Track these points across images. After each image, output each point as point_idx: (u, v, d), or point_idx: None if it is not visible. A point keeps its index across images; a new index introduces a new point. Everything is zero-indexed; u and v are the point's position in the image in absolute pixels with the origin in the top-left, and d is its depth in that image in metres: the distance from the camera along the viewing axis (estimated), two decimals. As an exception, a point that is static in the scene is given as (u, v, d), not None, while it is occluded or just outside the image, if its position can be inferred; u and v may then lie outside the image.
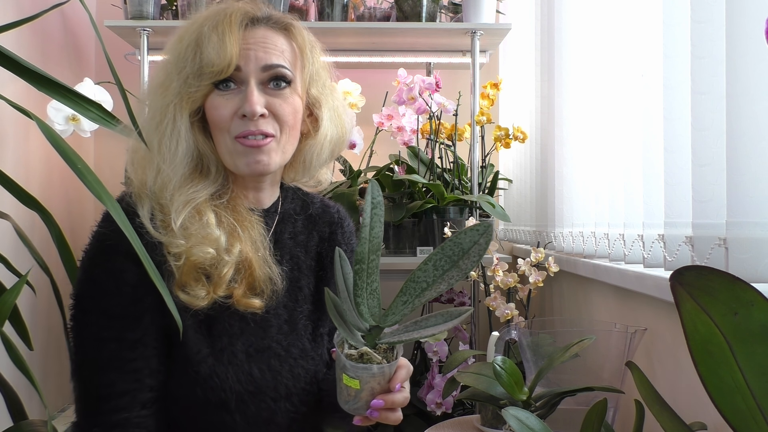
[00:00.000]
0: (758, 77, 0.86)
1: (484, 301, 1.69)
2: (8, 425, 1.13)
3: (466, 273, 0.82)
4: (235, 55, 0.99)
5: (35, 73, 0.93)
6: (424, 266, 0.83)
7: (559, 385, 1.17)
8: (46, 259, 1.18)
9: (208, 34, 1.00)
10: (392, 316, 0.85)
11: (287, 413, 1.05)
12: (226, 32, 0.99)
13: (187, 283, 0.97)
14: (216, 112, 1.01)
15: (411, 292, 0.84)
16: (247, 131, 1.00)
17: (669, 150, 1.09)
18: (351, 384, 0.86)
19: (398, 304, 0.84)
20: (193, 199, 1.00)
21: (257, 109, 1.00)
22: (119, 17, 2.14)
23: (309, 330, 1.11)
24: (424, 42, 2.31)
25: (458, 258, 0.82)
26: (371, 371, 0.86)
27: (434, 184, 2.03)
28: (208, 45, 0.99)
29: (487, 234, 0.83)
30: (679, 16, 1.06)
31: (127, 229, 0.86)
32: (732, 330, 0.60)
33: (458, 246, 0.82)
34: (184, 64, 1.01)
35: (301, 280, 1.13)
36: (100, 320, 0.96)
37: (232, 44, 0.99)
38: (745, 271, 0.88)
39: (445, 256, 0.83)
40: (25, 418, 1.16)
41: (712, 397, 0.61)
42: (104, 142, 2.48)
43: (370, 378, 0.86)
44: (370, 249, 0.84)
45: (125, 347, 0.96)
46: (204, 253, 0.97)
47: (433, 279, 0.82)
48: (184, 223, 0.97)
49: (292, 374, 1.06)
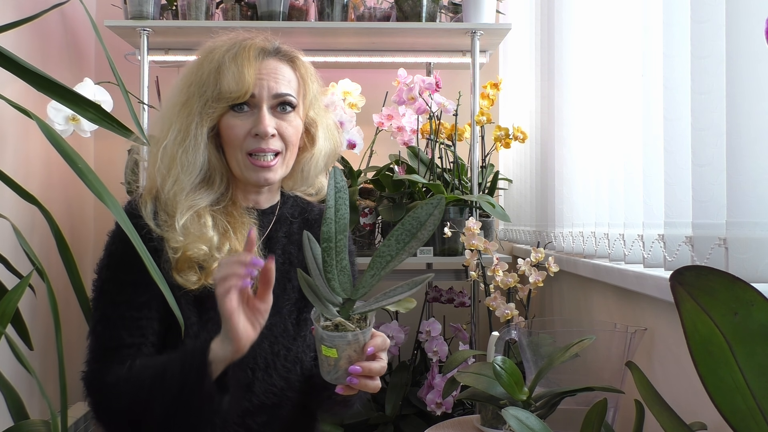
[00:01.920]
0: (758, 77, 0.86)
1: (484, 301, 1.69)
2: (9, 425, 1.13)
3: (422, 241, 0.91)
4: (252, 84, 1.17)
5: (35, 73, 0.93)
6: (388, 242, 0.91)
7: (559, 385, 1.17)
8: (46, 257, 1.18)
9: (229, 64, 1.17)
10: (362, 288, 0.92)
11: (264, 383, 1.19)
12: (244, 64, 1.17)
13: (182, 270, 1.14)
14: (232, 131, 1.19)
15: (377, 266, 0.92)
16: (258, 149, 1.18)
17: (669, 150, 1.09)
18: (329, 354, 0.94)
19: (366, 278, 0.92)
20: (196, 205, 1.17)
21: (269, 131, 1.18)
22: (119, 17, 2.14)
23: (293, 315, 1.24)
24: (424, 42, 2.31)
25: (416, 230, 0.91)
26: (346, 339, 0.93)
27: (434, 184, 2.03)
28: (227, 73, 1.17)
29: (440, 206, 0.91)
30: (679, 16, 1.06)
31: (127, 228, 0.90)
32: (732, 330, 0.60)
33: (416, 220, 0.91)
34: (206, 88, 1.18)
35: (291, 272, 1.26)
36: (115, 287, 1.16)
37: (249, 75, 1.17)
38: (745, 271, 0.88)
39: (406, 231, 0.92)
40: (26, 418, 1.16)
41: (712, 397, 0.61)
42: (104, 142, 2.48)
43: (346, 346, 0.94)
44: (337, 229, 0.92)
45: (134, 308, 1.15)
46: (198, 250, 1.14)
47: (396, 251, 0.91)
48: (185, 224, 1.15)
49: (271, 350, 1.20)
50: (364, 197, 2.14)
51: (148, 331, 1.15)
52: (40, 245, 1.88)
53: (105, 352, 1.14)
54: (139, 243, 0.93)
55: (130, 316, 1.14)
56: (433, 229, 0.91)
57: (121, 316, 1.14)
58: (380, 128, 2.16)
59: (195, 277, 1.15)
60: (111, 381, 1.12)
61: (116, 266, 1.17)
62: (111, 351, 1.14)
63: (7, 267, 1.28)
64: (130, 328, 1.14)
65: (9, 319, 1.01)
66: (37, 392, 1.86)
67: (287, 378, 1.21)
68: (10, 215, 1.31)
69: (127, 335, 1.14)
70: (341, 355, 0.94)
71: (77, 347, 1.20)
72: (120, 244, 1.17)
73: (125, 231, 0.90)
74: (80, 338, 1.61)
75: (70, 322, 1.19)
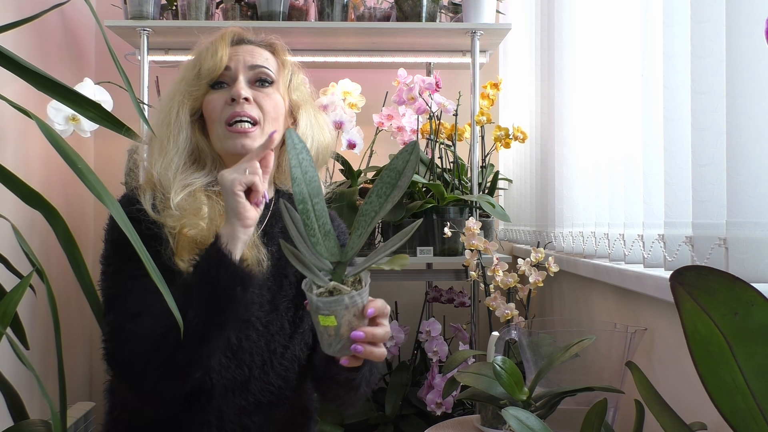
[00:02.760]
0: (758, 77, 0.86)
1: (484, 301, 1.69)
2: (9, 425, 1.13)
3: (404, 189, 0.89)
4: (225, 56, 1.22)
5: (35, 73, 0.93)
6: (369, 199, 0.89)
7: (559, 385, 1.17)
8: (46, 258, 1.18)
9: (206, 47, 1.24)
10: (351, 250, 0.89)
11: (260, 382, 1.19)
12: (219, 44, 1.23)
13: (183, 254, 1.13)
14: (210, 105, 1.22)
15: (362, 224, 0.89)
16: (234, 113, 1.19)
17: (669, 150, 1.09)
18: (328, 323, 0.87)
19: (354, 238, 0.88)
20: (191, 184, 1.18)
21: (242, 93, 1.19)
22: (119, 17, 2.14)
23: (291, 312, 1.24)
24: (424, 42, 2.31)
25: (396, 180, 0.89)
26: (343, 302, 0.87)
27: (434, 184, 2.03)
28: (206, 55, 1.23)
29: (415, 151, 0.89)
30: (679, 16, 1.06)
31: (126, 227, 0.89)
32: (732, 330, 0.60)
33: (394, 170, 0.89)
34: (186, 73, 1.25)
35: (287, 269, 1.25)
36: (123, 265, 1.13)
37: (223, 51, 1.22)
38: (745, 271, 0.88)
39: (386, 184, 0.89)
40: (25, 418, 1.16)
41: (712, 397, 0.61)
42: (104, 142, 2.48)
43: (344, 311, 0.88)
44: (310, 192, 0.89)
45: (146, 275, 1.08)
46: (195, 226, 1.13)
47: (379, 206, 0.89)
48: (180, 203, 1.15)
49: (268, 348, 1.20)
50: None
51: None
52: (40, 245, 1.87)
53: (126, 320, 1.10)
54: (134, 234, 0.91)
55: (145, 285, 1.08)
56: (411, 175, 0.88)
57: (136, 287, 1.12)
58: (380, 128, 2.16)
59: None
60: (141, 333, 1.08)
61: (122, 249, 1.14)
62: (132, 317, 1.10)
63: (7, 267, 1.28)
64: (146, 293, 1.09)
65: (10, 320, 1.01)
66: (37, 392, 1.86)
67: (284, 377, 1.21)
68: (10, 215, 1.31)
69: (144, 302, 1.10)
70: (341, 321, 0.88)
71: (77, 347, 1.20)
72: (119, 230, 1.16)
73: (121, 226, 0.89)
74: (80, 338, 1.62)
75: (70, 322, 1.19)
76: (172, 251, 1.14)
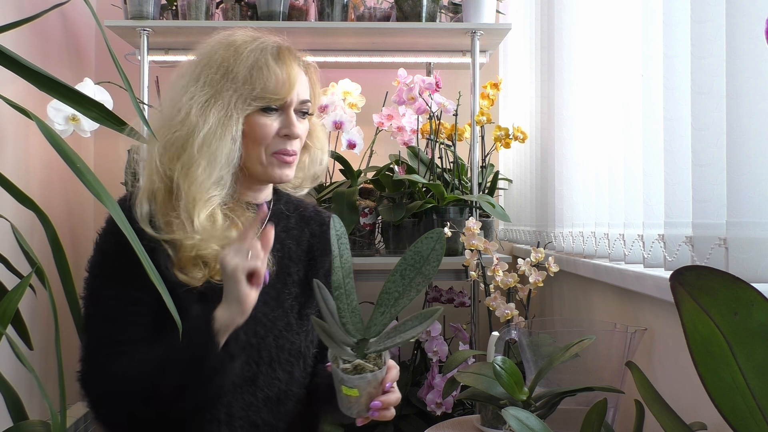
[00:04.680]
0: (758, 77, 0.86)
1: (484, 301, 1.68)
2: (8, 425, 1.13)
3: (429, 278, 0.95)
4: (294, 90, 1.19)
5: (36, 72, 0.93)
6: (392, 277, 0.95)
7: (559, 385, 1.17)
8: (46, 258, 1.18)
9: (272, 66, 1.18)
10: (374, 327, 0.98)
11: (267, 377, 1.20)
12: (289, 70, 1.19)
13: (185, 267, 1.14)
14: (261, 130, 1.19)
15: (386, 303, 0.96)
16: (284, 150, 1.21)
17: (669, 150, 1.09)
18: (350, 393, 1.00)
19: (377, 315, 0.96)
20: (212, 203, 1.16)
21: (299, 133, 1.22)
22: (119, 17, 2.14)
23: (296, 309, 1.26)
24: (424, 42, 2.31)
25: (420, 265, 0.95)
26: (366, 379, 0.99)
27: (434, 184, 2.03)
28: (271, 75, 1.18)
29: (440, 240, 0.95)
30: (679, 16, 1.06)
31: (125, 228, 0.90)
32: (732, 330, 0.60)
33: (418, 254, 0.95)
34: (240, 84, 1.17)
35: (291, 267, 1.27)
36: (107, 282, 1.16)
37: (293, 79, 1.19)
38: (745, 271, 0.88)
39: (409, 266, 0.95)
40: (25, 419, 1.16)
41: (712, 397, 0.61)
42: (104, 142, 2.48)
43: (366, 385, 1.00)
44: (344, 275, 0.97)
45: (128, 303, 1.14)
46: (212, 250, 1.13)
47: (402, 288, 0.95)
48: (202, 222, 1.13)
49: (276, 344, 1.21)
50: (364, 197, 2.14)
51: (141, 327, 1.15)
52: (40, 245, 1.87)
53: (101, 348, 1.14)
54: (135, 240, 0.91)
55: (125, 312, 1.14)
56: (437, 265, 0.94)
57: (116, 312, 1.14)
58: (380, 128, 2.16)
59: (200, 274, 1.14)
60: (113, 372, 1.12)
61: (109, 263, 1.17)
62: (107, 347, 1.14)
63: (7, 267, 1.28)
64: (124, 323, 1.14)
65: (9, 320, 1.01)
66: (36, 393, 1.85)
67: (290, 372, 1.23)
68: (10, 215, 1.31)
69: (121, 331, 1.14)
70: (362, 393, 1.00)
71: (77, 347, 1.19)
72: (112, 240, 1.17)
73: (121, 228, 0.89)
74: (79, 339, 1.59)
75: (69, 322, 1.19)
76: (172, 263, 1.14)
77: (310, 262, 1.31)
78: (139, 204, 1.16)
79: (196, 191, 1.14)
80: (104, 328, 1.15)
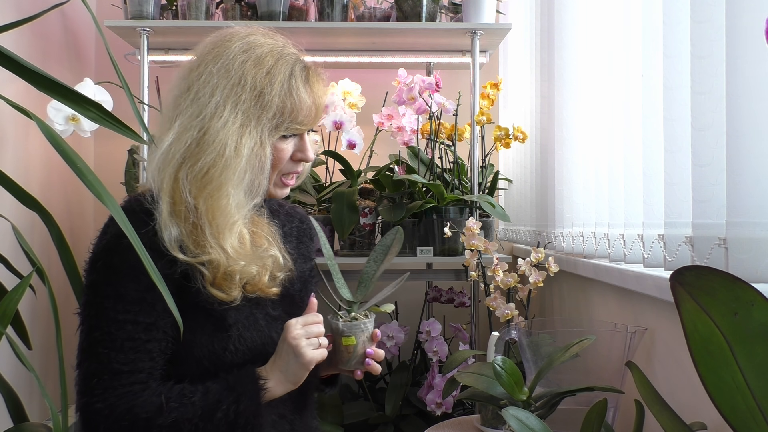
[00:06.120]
0: (758, 77, 0.86)
1: (484, 301, 1.68)
2: (8, 426, 1.13)
3: (394, 255, 1.25)
4: (319, 119, 1.22)
5: (36, 73, 0.93)
6: (368, 263, 1.26)
7: (559, 385, 1.17)
8: (46, 258, 1.18)
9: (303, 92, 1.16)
10: (360, 295, 1.23)
11: None
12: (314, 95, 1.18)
13: (221, 286, 1.10)
14: (279, 155, 1.18)
15: (366, 279, 1.25)
16: (294, 172, 1.23)
17: (669, 150, 1.09)
18: (350, 342, 1.17)
19: (361, 288, 1.24)
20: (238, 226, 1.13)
21: (313, 158, 1.24)
22: (119, 17, 2.14)
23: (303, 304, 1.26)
24: (424, 42, 2.31)
25: (386, 251, 1.26)
26: (361, 327, 1.18)
27: (434, 184, 2.03)
28: (304, 103, 1.16)
29: (399, 233, 1.26)
30: (679, 16, 1.06)
31: (129, 232, 0.89)
32: (732, 330, 0.60)
33: (384, 245, 1.26)
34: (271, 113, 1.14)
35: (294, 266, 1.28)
36: (117, 304, 1.06)
37: (320, 109, 1.20)
38: (745, 271, 0.88)
39: (379, 253, 1.26)
40: (25, 420, 1.16)
41: (712, 397, 0.61)
42: (104, 142, 2.48)
43: (361, 333, 1.18)
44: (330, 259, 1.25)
45: (140, 330, 1.06)
46: (246, 269, 1.12)
47: (376, 267, 1.25)
48: (233, 243, 1.11)
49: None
50: (364, 197, 2.14)
51: (157, 354, 1.08)
52: (40, 245, 1.87)
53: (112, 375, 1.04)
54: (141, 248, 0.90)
55: (137, 338, 1.06)
56: (399, 247, 1.25)
57: (127, 338, 1.05)
58: (380, 128, 2.16)
59: (237, 292, 1.11)
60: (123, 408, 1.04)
61: (118, 281, 1.07)
62: (116, 377, 1.04)
63: (7, 267, 1.28)
64: (137, 350, 1.06)
65: (9, 320, 1.02)
66: (36, 394, 1.86)
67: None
68: (11, 215, 1.31)
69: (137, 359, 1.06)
70: (358, 341, 1.18)
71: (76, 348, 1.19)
72: (119, 256, 1.07)
73: (125, 232, 0.88)
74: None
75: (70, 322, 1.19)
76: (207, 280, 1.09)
77: (301, 257, 1.32)
78: (166, 229, 1.08)
79: (222, 219, 1.10)
80: (116, 355, 1.05)
